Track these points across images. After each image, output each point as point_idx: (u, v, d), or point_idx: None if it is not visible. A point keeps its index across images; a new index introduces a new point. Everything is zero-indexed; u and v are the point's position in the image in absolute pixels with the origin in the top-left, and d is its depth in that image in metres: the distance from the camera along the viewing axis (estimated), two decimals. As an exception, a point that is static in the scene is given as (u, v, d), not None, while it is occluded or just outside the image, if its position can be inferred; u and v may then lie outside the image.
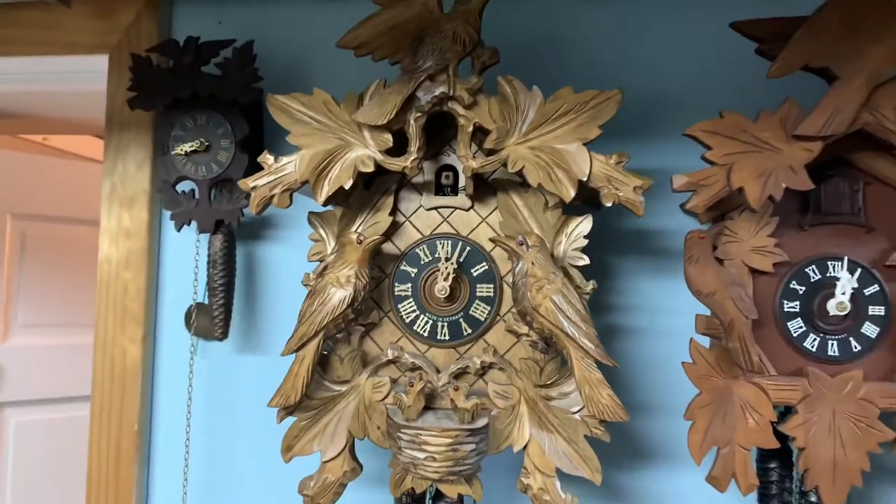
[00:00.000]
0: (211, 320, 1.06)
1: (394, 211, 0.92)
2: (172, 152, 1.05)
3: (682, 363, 0.85)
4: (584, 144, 0.82)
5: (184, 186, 1.08)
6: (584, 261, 0.88)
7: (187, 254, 1.13)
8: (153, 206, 1.15)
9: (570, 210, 0.88)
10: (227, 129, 1.05)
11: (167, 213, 1.10)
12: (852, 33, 0.77)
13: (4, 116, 1.59)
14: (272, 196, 0.87)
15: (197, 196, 1.06)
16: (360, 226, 0.91)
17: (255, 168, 1.07)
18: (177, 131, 1.05)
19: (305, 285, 0.91)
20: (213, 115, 1.05)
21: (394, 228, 0.92)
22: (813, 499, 0.87)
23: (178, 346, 1.14)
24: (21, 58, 1.18)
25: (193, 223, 1.07)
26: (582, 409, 0.85)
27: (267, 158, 0.87)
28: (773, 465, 0.89)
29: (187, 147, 1.04)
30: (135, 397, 1.13)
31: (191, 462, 1.11)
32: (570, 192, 0.81)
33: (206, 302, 1.08)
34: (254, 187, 0.87)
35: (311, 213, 0.93)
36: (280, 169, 0.87)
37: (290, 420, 0.91)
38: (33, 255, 2.05)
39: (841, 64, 0.77)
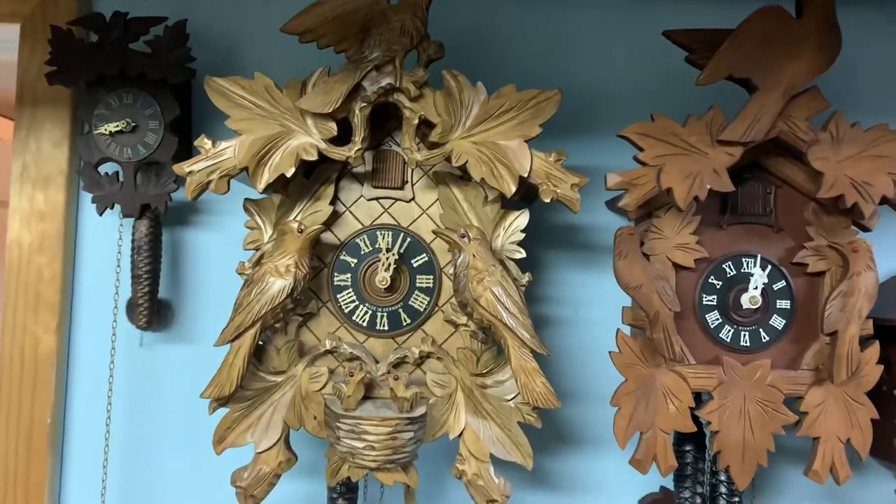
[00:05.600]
0: (136, 309, 1.02)
1: (334, 200, 0.91)
2: (95, 132, 0.99)
3: (610, 352, 0.87)
4: (526, 142, 0.84)
5: (107, 168, 1.02)
6: (521, 254, 0.90)
7: (109, 239, 1.07)
8: (70, 187, 1.08)
9: (507, 205, 0.90)
10: (155, 110, 1.00)
11: (87, 196, 1.04)
12: (771, 48, 0.82)
13: None
14: (209, 182, 0.84)
15: (121, 179, 1.01)
16: (299, 214, 0.90)
17: (184, 151, 1.04)
18: (100, 110, 1.00)
19: (241, 274, 0.89)
20: (141, 95, 1.00)
21: (334, 218, 0.91)
22: (722, 477, 0.93)
23: (98, 336, 1.07)
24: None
25: (117, 207, 1.01)
26: (516, 396, 0.88)
27: (204, 143, 0.84)
28: (688, 448, 0.94)
29: (112, 127, 0.99)
30: (48, 388, 1.06)
31: (110, 456, 1.05)
32: (511, 188, 0.84)
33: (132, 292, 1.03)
34: (190, 172, 0.84)
35: (247, 199, 0.91)
36: (218, 154, 0.84)
37: (222, 412, 0.89)
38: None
39: (761, 76, 0.83)
